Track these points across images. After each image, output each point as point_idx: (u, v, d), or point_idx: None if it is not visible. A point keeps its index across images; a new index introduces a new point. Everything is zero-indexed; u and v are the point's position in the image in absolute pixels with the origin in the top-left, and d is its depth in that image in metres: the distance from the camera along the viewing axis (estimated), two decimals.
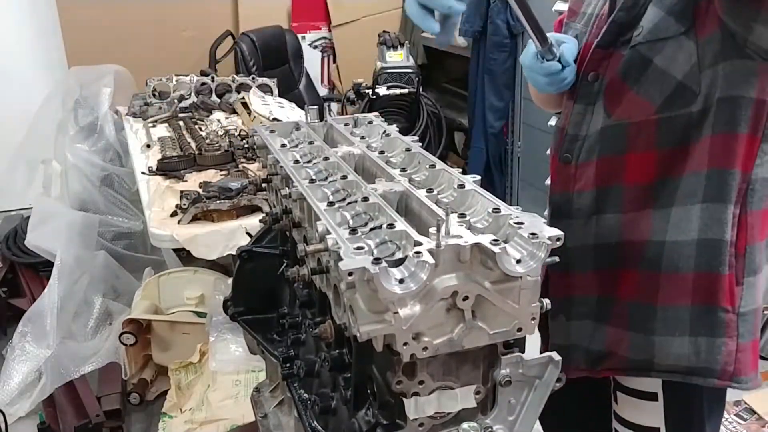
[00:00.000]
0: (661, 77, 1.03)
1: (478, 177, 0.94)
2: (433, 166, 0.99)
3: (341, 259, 0.71)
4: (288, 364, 1.13)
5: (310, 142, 1.14)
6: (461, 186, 0.91)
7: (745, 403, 2.44)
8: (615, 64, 1.09)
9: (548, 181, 1.25)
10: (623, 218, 1.12)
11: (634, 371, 1.17)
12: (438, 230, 0.72)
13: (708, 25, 0.99)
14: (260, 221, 1.35)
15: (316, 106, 1.27)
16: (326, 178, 0.99)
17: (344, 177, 0.97)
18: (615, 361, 1.17)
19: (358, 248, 0.73)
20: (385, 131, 1.18)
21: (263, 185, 1.19)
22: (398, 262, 0.72)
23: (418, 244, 0.73)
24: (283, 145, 1.17)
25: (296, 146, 1.17)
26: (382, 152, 1.08)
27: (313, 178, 0.98)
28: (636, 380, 1.19)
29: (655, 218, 1.08)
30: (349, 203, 0.89)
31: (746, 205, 1.04)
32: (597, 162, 1.13)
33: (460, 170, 0.96)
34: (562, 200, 1.19)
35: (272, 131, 1.23)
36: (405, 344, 0.72)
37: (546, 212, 1.24)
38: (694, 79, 1.01)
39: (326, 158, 1.05)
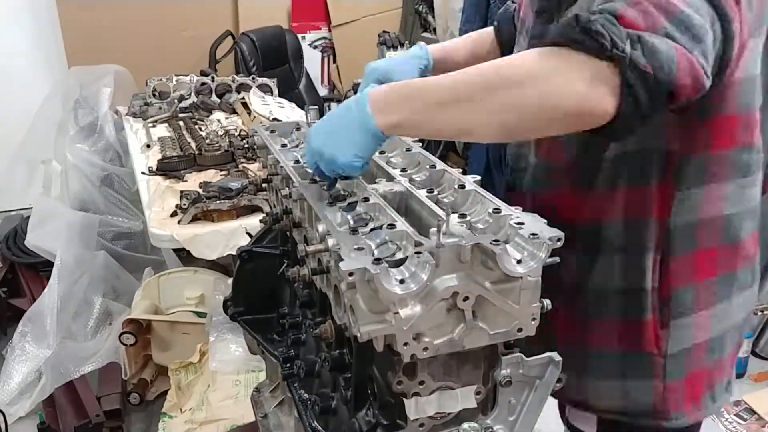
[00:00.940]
0: None
1: (478, 177, 0.94)
2: (433, 167, 0.99)
3: (342, 260, 0.71)
4: (288, 364, 1.13)
5: None
6: (461, 186, 0.91)
7: (745, 403, 2.43)
8: None
9: None
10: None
11: (572, 405, 1.19)
12: (438, 230, 0.72)
13: None
14: (260, 221, 1.35)
15: (316, 106, 1.26)
16: None
17: None
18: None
19: (359, 248, 0.73)
20: None
21: (263, 185, 1.19)
22: (399, 263, 0.72)
23: (418, 244, 0.73)
24: (284, 146, 1.17)
25: (296, 146, 1.17)
26: (382, 152, 1.08)
27: (314, 178, 0.98)
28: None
29: (570, 262, 1.06)
30: (349, 203, 0.89)
31: (668, 251, 1.03)
32: (533, 193, 1.12)
33: (461, 170, 0.96)
34: None
35: (272, 131, 1.23)
36: (405, 344, 0.72)
37: None
38: None
39: None
